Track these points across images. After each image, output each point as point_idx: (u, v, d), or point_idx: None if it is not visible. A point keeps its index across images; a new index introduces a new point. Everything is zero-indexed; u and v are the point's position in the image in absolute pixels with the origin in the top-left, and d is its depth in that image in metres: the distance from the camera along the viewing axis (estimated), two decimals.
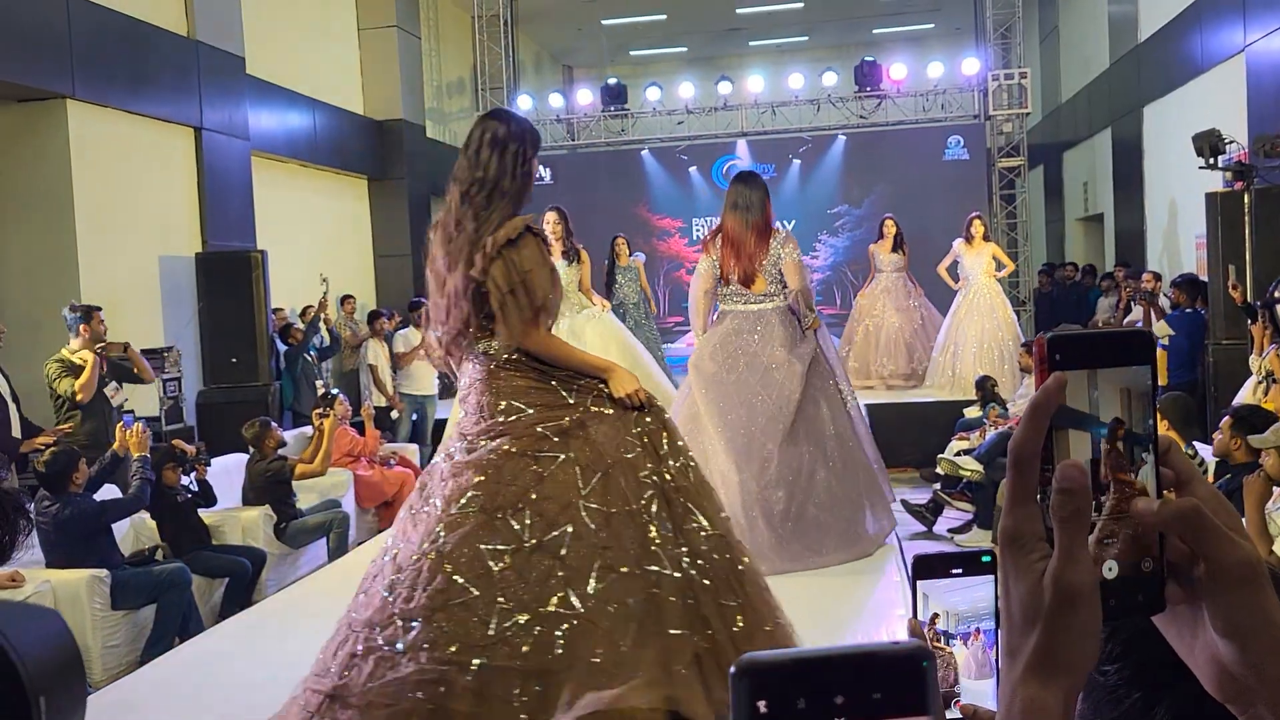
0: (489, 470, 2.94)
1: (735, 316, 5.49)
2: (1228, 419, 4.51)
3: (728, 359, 5.37)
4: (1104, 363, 0.63)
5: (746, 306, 5.48)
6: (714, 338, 5.50)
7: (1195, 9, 10.84)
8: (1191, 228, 10.83)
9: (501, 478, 2.92)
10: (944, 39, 18.89)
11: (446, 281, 3.08)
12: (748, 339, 5.40)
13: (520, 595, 2.78)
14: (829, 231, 13.89)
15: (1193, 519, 0.61)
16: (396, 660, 2.77)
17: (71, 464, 5.19)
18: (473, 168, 3.14)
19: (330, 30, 13.28)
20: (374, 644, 2.84)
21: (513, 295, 2.97)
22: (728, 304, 5.55)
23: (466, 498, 2.92)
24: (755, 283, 5.44)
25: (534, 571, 2.82)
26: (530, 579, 2.81)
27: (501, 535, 2.85)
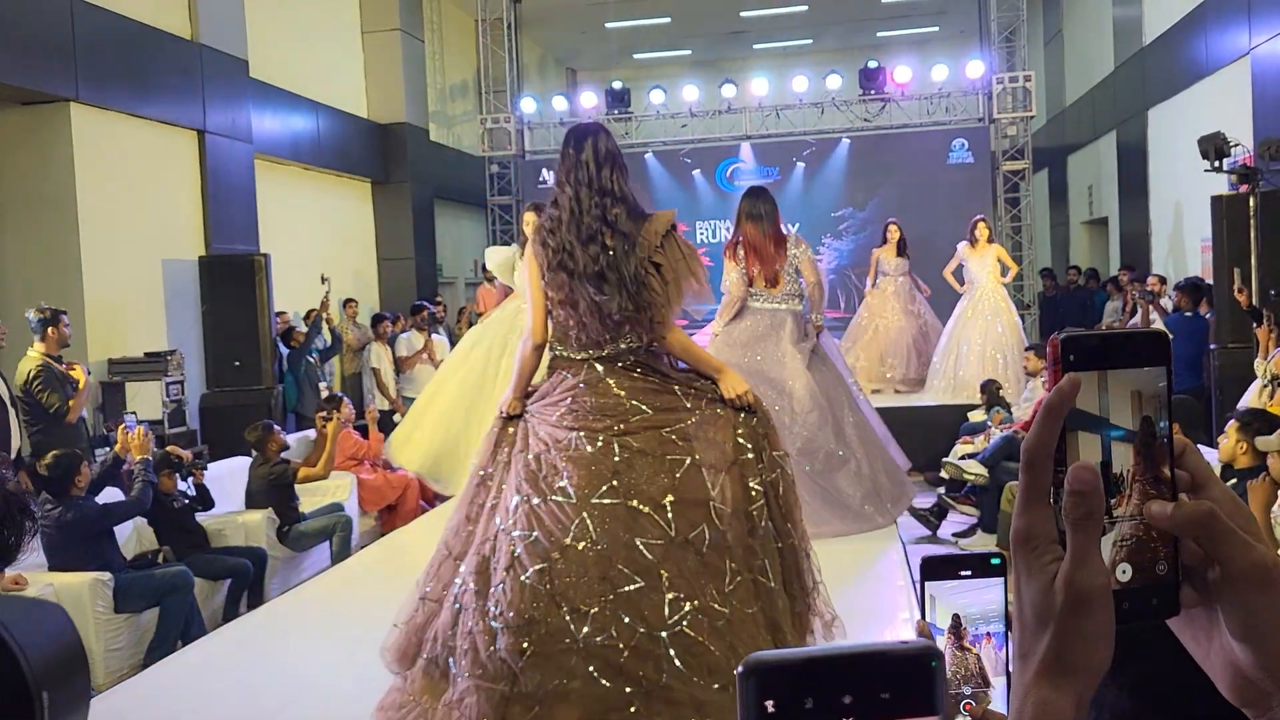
0: (621, 467, 3.12)
1: (756, 314, 6.05)
2: (1233, 423, 4.50)
3: (745, 346, 5.96)
4: (1119, 363, 0.62)
5: (766, 305, 6.05)
6: (735, 331, 6.08)
7: (1200, 12, 10.83)
8: (1197, 231, 10.81)
9: (636, 476, 3.11)
10: (948, 42, 18.89)
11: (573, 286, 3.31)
12: (765, 332, 6.01)
13: (680, 586, 2.98)
14: (833, 234, 13.88)
15: (1207, 522, 0.61)
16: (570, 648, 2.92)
17: (74, 467, 5.19)
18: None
19: (334, 33, 13.31)
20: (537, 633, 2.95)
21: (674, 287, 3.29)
22: (752, 302, 6.10)
23: (606, 488, 3.09)
24: (779, 283, 6.03)
25: (684, 565, 3.02)
26: (686, 571, 3.01)
27: (650, 531, 3.04)
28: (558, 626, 2.93)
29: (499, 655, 2.94)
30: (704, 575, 3.04)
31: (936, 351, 10.33)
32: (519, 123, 14.82)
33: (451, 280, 15.87)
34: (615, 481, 3.09)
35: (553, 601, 2.96)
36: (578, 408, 3.23)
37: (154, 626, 5.45)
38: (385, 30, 13.91)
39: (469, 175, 15.53)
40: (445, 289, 15.23)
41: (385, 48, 13.94)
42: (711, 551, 3.06)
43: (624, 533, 3.03)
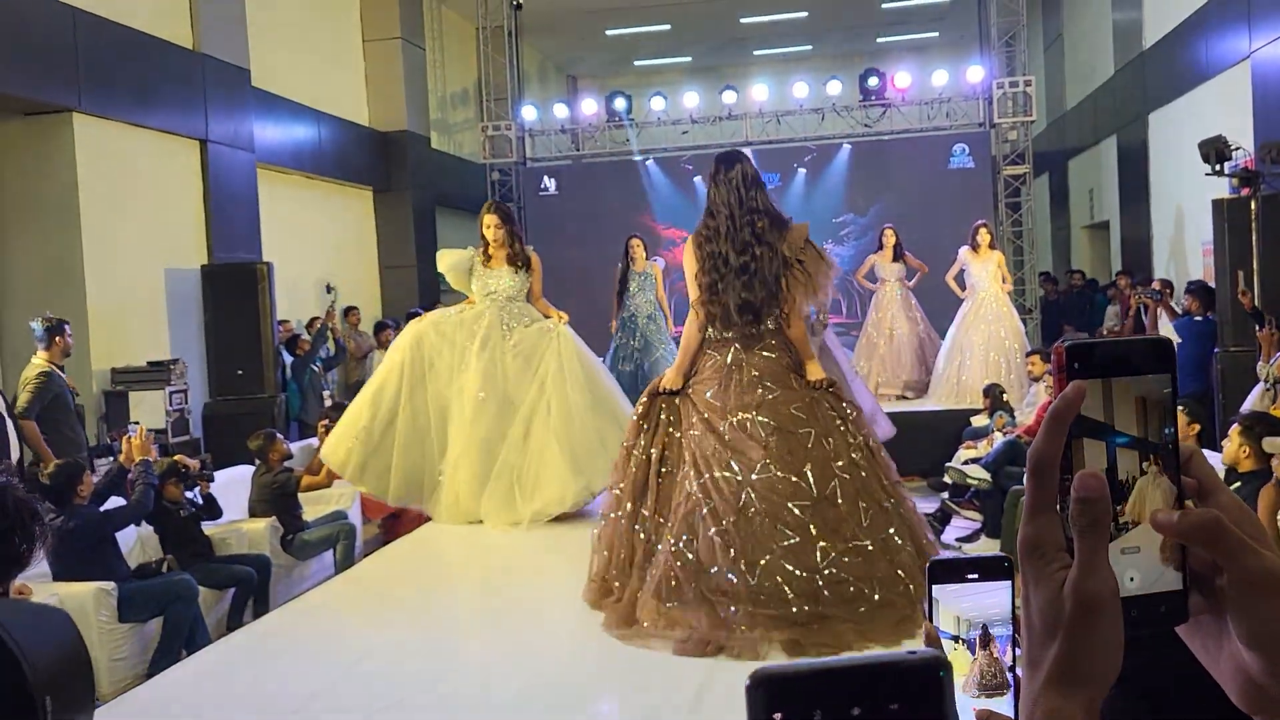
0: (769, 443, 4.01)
1: None
2: (1236, 426, 4.50)
3: None
4: (1125, 371, 0.62)
5: None
6: None
7: (1200, 15, 10.84)
8: (1198, 235, 10.80)
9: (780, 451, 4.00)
10: (948, 47, 18.91)
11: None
12: None
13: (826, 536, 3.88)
14: (834, 240, 13.87)
15: (1213, 530, 0.61)
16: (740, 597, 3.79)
17: (76, 476, 5.19)
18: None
19: (335, 42, 13.34)
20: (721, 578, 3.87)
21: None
22: None
23: (760, 465, 3.98)
24: None
25: (827, 517, 3.91)
26: (830, 522, 3.90)
27: (798, 495, 3.94)
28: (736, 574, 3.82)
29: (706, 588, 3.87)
30: (843, 521, 3.92)
31: (939, 357, 10.33)
32: (520, 130, 14.83)
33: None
34: (767, 459, 3.99)
35: (729, 556, 3.84)
36: (724, 388, 4.14)
37: (158, 636, 5.45)
38: (386, 39, 13.94)
39: (470, 182, 15.55)
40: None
41: (386, 56, 13.96)
42: (846, 501, 3.96)
43: (779, 499, 3.92)
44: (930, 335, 10.73)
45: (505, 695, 3.86)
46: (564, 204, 14.40)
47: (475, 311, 6.23)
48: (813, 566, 3.81)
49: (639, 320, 9.82)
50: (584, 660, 4.17)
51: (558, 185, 14.57)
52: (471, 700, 3.85)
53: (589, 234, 13.11)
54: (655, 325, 9.80)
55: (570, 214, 14.15)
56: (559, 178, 14.66)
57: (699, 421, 4.14)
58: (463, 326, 6.18)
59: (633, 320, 9.83)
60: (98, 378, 8.44)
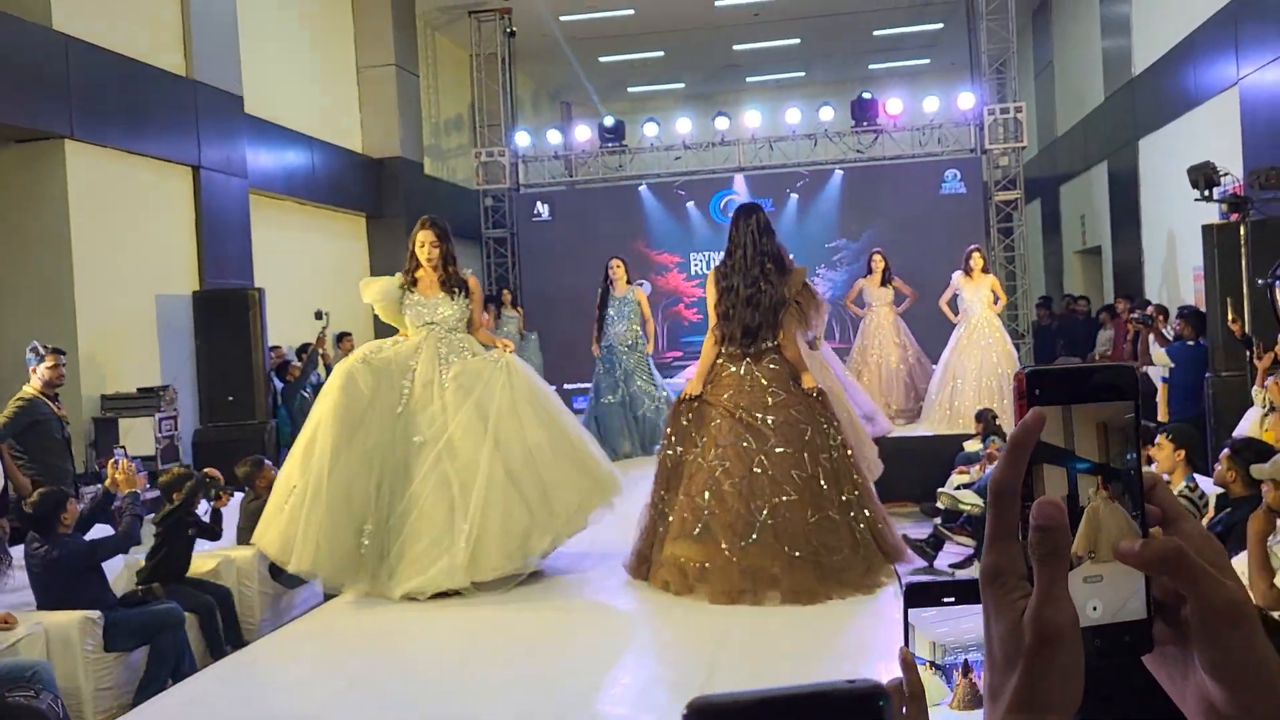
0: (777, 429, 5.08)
1: None
2: (1226, 451, 4.49)
3: None
4: (1086, 397, 0.61)
5: None
6: None
7: (1188, 43, 10.92)
8: (1189, 260, 10.84)
9: (786, 438, 5.07)
10: (939, 74, 19.03)
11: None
12: None
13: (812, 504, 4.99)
14: (827, 265, 13.91)
15: (1176, 560, 0.60)
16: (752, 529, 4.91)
17: (60, 505, 5.14)
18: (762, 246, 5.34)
19: (329, 69, 13.39)
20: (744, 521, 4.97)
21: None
22: None
23: (779, 454, 5.05)
24: None
25: (815, 489, 5.02)
26: (817, 494, 5.02)
27: (797, 468, 5.02)
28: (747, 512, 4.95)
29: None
30: (823, 496, 5.03)
31: (932, 382, 10.34)
32: (513, 156, 14.89)
33: None
34: (774, 440, 5.05)
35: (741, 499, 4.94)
36: (738, 392, 5.16)
37: (144, 665, 5.39)
38: (380, 66, 14.00)
39: (464, 208, 15.58)
40: None
41: (380, 83, 14.02)
42: (826, 482, 5.07)
43: (784, 466, 5.01)
44: (920, 361, 10.74)
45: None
46: (557, 230, 14.43)
47: (412, 344, 5.55)
48: (804, 520, 4.95)
49: (618, 351, 9.45)
50: (585, 683, 4.14)
51: (551, 211, 14.61)
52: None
53: (582, 259, 13.12)
54: (638, 353, 9.49)
55: (563, 239, 14.18)
56: (552, 203, 14.71)
57: (719, 415, 5.18)
58: (398, 361, 5.48)
59: (611, 351, 9.50)
60: (88, 404, 8.40)
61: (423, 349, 5.50)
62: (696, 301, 14.43)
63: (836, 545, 4.95)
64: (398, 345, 5.58)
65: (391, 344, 5.60)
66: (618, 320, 9.43)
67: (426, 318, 5.60)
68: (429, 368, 5.45)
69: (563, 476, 5.37)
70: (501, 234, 15.09)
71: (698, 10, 16.16)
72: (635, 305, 9.52)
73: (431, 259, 5.66)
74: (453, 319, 5.61)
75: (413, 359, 5.47)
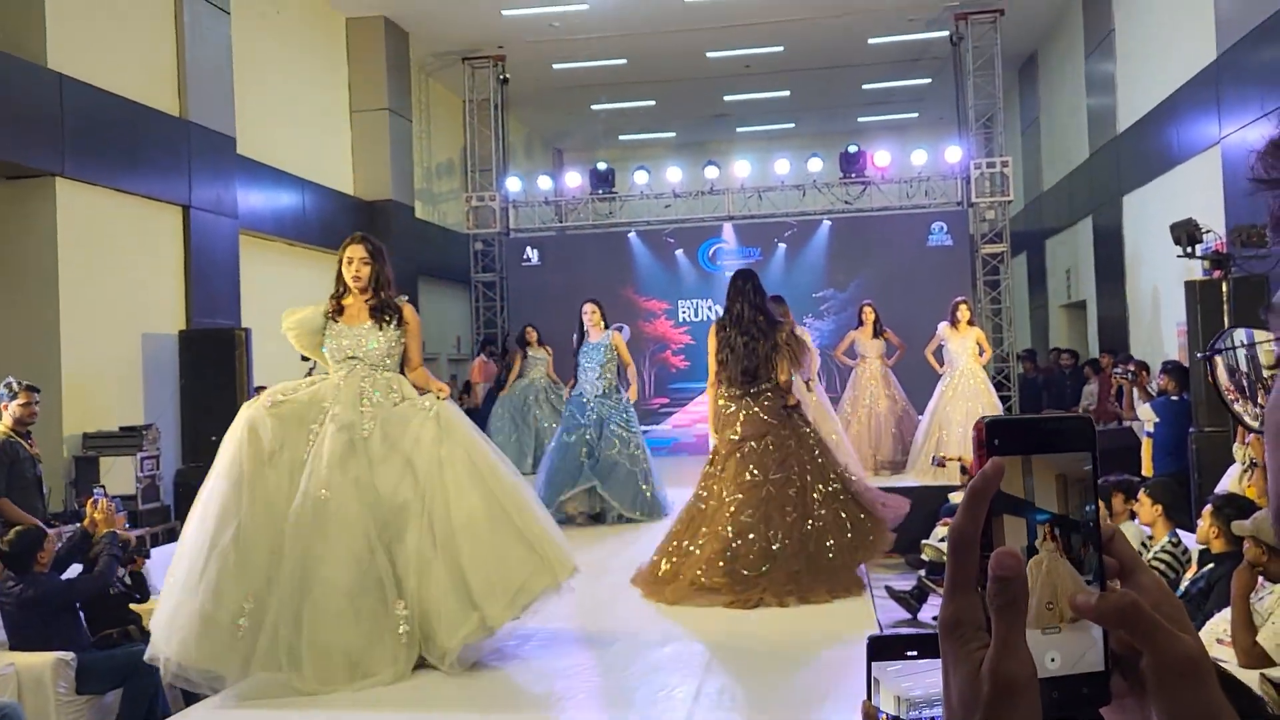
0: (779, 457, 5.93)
1: None
2: (1209, 507, 4.49)
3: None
4: (1044, 448, 0.62)
5: None
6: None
7: (1171, 102, 11.09)
8: (1173, 315, 10.93)
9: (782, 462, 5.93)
10: (927, 128, 19.26)
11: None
12: None
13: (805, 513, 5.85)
14: (814, 315, 13.97)
15: (1131, 613, 0.60)
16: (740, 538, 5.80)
17: (37, 543, 5.10)
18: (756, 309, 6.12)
19: (322, 112, 13.48)
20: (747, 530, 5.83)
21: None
22: None
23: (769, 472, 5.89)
24: None
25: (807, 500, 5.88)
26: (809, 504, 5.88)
27: (792, 486, 5.89)
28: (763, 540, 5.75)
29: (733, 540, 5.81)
30: (812, 500, 5.86)
31: (918, 433, 10.35)
32: (504, 201, 14.97)
33: (434, 356, 15.86)
34: (773, 468, 5.90)
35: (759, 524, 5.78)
36: (742, 424, 6.02)
37: (117, 708, 5.31)
38: (374, 109, 14.10)
39: (454, 252, 15.63)
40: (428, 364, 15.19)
41: (373, 126, 14.12)
42: (814, 480, 5.92)
43: (785, 489, 5.87)
44: (909, 412, 10.76)
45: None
46: (546, 275, 14.47)
47: (330, 383, 4.65)
48: (801, 531, 5.79)
49: (587, 399, 8.63)
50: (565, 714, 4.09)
51: (541, 256, 14.66)
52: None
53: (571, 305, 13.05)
54: (611, 402, 8.62)
55: (553, 285, 14.20)
56: (542, 248, 14.76)
57: (728, 453, 6.07)
58: (312, 406, 4.55)
59: (580, 399, 8.68)
60: (69, 443, 8.34)
61: (342, 389, 4.60)
62: (684, 348, 14.46)
63: (828, 544, 5.80)
64: (315, 385, 4.70)
65: (307, 383, 4.74)
66: (588, 368, 8.63)
67: (349, 351, 4.68)
68: (348, 411, 4.52)
69: (501, 550, 4.42)
70: (491, 278, 15.13)
71: (689, 61, 16.36)
72: (609, 351, 8.69)
73: (360, 279, 4.75)
74: (379, 353, 4.69)
75: (329, 400, 4.55)
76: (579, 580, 4.69)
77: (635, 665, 4.87)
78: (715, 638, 5.23)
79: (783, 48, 15.94)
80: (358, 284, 4.78)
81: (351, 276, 4.77)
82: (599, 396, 8.55)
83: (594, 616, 5.60)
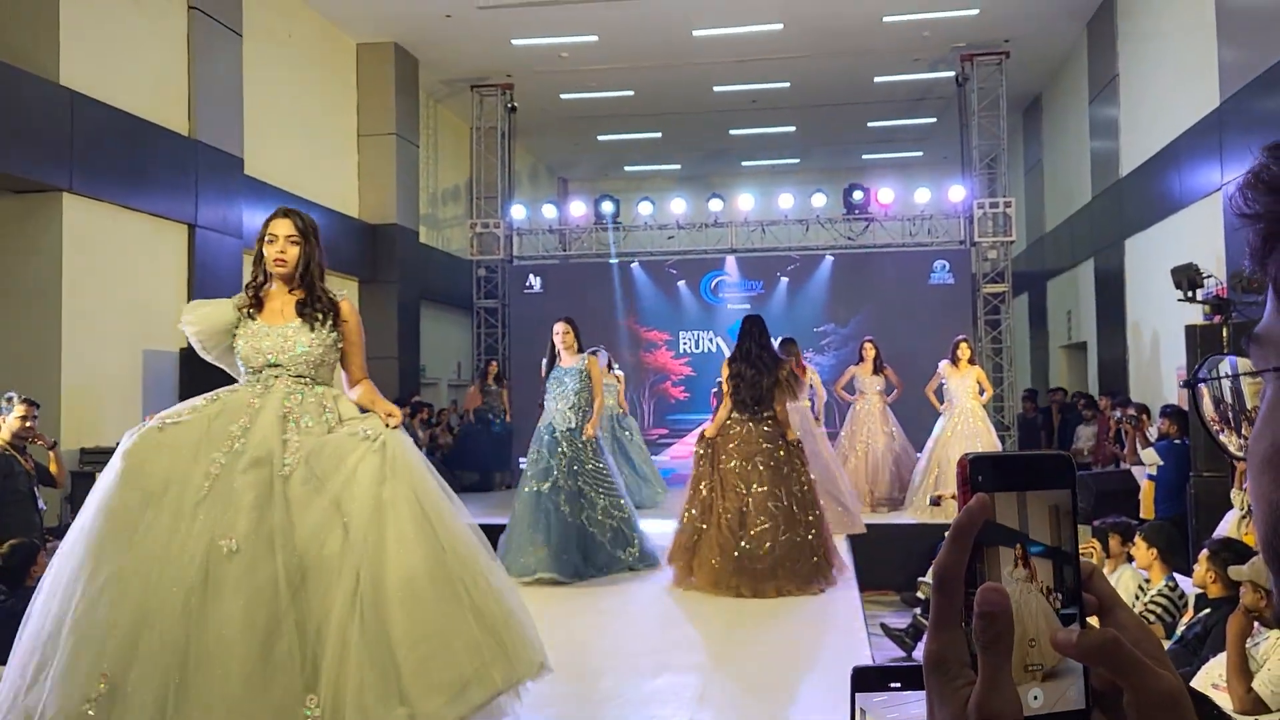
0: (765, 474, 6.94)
1: None
2: (1205, 551, 4.48)
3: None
4: (1025, 485, 0.62)
5: None
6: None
7: (1173, 148, 11.15)
8: (1173, 359, 10.94)
9: (771, 478, 6.93)
10: (931, 167, 19.37)
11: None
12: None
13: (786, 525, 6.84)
14: (815, 349, 13.99)
15: (1111, 650, 0.60)
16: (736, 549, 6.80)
17: (30, 558, 5.08)
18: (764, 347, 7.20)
19: (330, 135, 13.56)
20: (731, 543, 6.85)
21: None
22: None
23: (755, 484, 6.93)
24: None
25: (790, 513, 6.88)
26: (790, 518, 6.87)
27: (775, 498, 6.88)
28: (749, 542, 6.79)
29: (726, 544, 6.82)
30: (796, 518, 6.88)
31: (916, 470, 10.33)
32: (508, 228, 15.02)
33: (435, 381, 15.87)
34: (761, 483, 6.91)
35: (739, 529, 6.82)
36: (742, 443, 7.02)
37: None
38: (381, 134, 14.19)
39: (456, 277, 15.68)
40: (428, 389, 15.22)
41: (380, 151, 14.20)
42: (797, 506, 6.92)
43: (768, 503, 6.85)
44: (906, 450, 10.75)
45: None
46: (548, 303, 14.49)
47: (240, 399, 3.56)
48: (777, 539, 6.77)
49: (557, 433, 7.27)
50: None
51: (543, 284, 14.70)
52: None
53: None
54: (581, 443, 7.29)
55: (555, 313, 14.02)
56: (545, 276, 14.80)
57: (725, 458, 7.05)
58: (212, 433, 3.44)
59: (550, 433, 7.30)
60: (66, 458, 8.32)
61: (259, 407, 3.52)
62: (684, 380, 14.47)
63: (799, 557, 6.83)
64: (218, 401, 3.57)
65: (208, 401, 3.58)
66: (558, 396, 7.32)
67: (270, 356, 3.62)
68: (266, 435, 3.44)
69: (446, 627, 3.27)
70: (493, 304, 15.16)
71: (696, 95, 16.47)
72: (583, 378, 7.35)
73: (284, 263, 3.70)
74: (309, 360, 3.63)
75: (238, 421, 3.46)
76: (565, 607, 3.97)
77: (627, 695, 4.84)
78: (707, 669, 5.21)
79: (789, 84, 16.06)
80: (281, 269, 3.70)
81: (274, 259, 3.70)
82: (569, 430, 7.28)
83: (582, 647, 5.57)
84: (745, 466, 6.96)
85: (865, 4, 13.05)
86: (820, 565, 6.89)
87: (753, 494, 6.87)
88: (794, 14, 13.28)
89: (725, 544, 6.79)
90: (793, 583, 6.72)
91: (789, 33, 13.83)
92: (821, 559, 6.91)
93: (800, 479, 7.03)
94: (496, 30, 13.66)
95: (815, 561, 6.87)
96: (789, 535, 6.79)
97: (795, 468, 7.05)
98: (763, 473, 6.94)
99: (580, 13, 13.11)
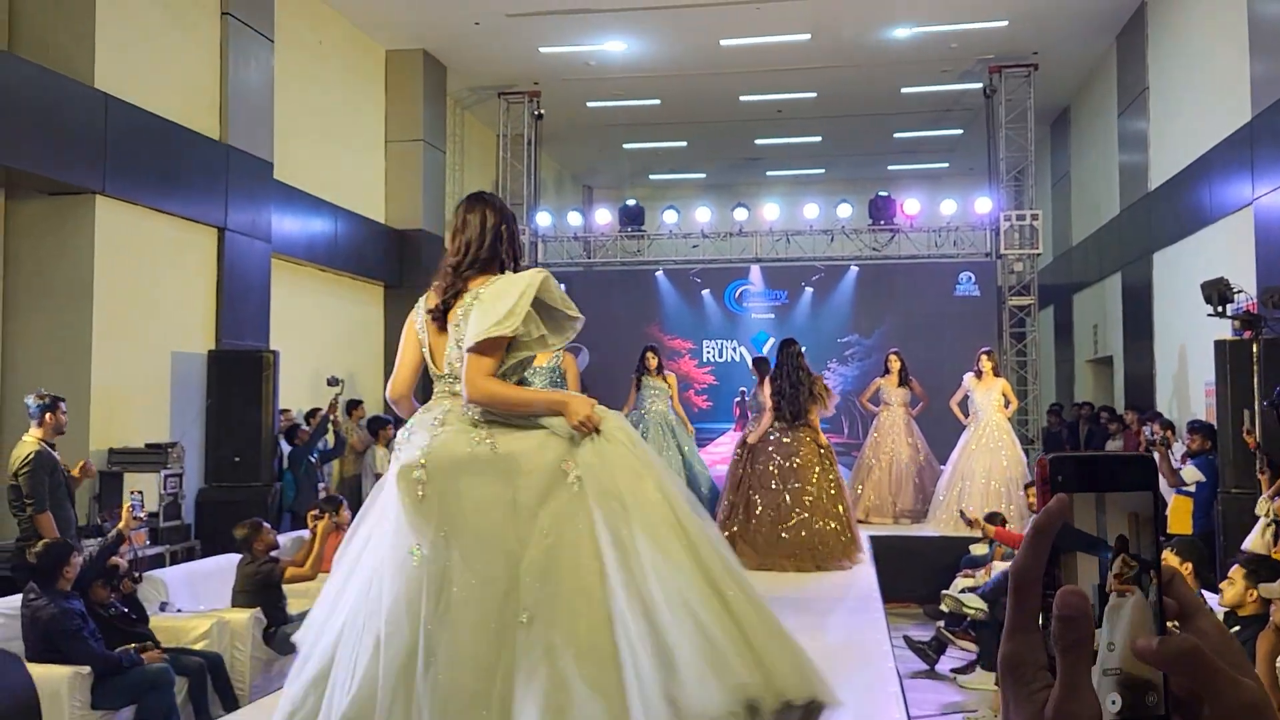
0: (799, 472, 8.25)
1: None
2: (1238, 568, 4.43)
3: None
4: (1105, 486, 0.62)
5: None
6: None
7: (1204, 161, 11.07)
8: (1201, 374, 10.84)
9: (802, 476, 8.24)
10: (957, 178, 19.29)
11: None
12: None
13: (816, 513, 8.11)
14: (839, 360, 13.96)
15: (1193, 658, 0.59)
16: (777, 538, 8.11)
17: (63, 558, 5.11)
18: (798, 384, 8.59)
19: (358, 141, 13.64)
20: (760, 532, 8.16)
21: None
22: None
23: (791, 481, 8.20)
24: None
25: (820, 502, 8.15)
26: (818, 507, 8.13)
27: (807, 493, 8.12)
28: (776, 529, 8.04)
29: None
30: (825, 509, 8.08)
31: (940, 483, 10.28)
32: (533, 235, 15.07)
33: None
34: (795, 477, 8.15)
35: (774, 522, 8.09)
36: (779, 445, 8.27)
37: None
38: (409, 140, 14.26)
39: None
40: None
41: (407, 157, 14.26)
42: (825, 498, 8.12)
43: (801, 496, 8.08)
44: (930, 462, 10.70)
45: None
46: None
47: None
48: (810, 526, 8.02)
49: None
50: None
51: (568, 291, 14.46)
52: None
53: (596, 340, 13.20)
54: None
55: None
56: (569, 283, 14.80)
57: (765, 457, 8.29)
58: (546, 446, 3.02)
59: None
60: (95, 458, 8.38)
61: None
62: (707, 389, 14.46)
63: (826, 543, 8.01)
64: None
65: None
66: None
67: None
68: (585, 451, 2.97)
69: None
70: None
71: (723, 104, 16.48)
72: (556, 376, 6.69)
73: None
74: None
75: (564, 432, 3.01)
76: None
77: None
78: None
79: (816, 94, 16.05)
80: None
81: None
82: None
83: None
84: (785, 465, 8.26)
85: (893, 15, 13.03)
86: (848, 545, 8.12)
87: (789, 489, 8.16)
88: (822, 24, 13.27)
89: (768, 533, 8.08)
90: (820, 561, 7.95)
91: (816, 43, 13.82)
92: (850, 541, 8.17)
93: (830, 476, 8.33)
94: (524, 38, 13.72)
95: (844, 542, 8.10)
96: (820, 523, 8.08)
97: (826, 467, 8.35)
98: (795, 471, 8.25)
99: (608, 21, 13.16)
